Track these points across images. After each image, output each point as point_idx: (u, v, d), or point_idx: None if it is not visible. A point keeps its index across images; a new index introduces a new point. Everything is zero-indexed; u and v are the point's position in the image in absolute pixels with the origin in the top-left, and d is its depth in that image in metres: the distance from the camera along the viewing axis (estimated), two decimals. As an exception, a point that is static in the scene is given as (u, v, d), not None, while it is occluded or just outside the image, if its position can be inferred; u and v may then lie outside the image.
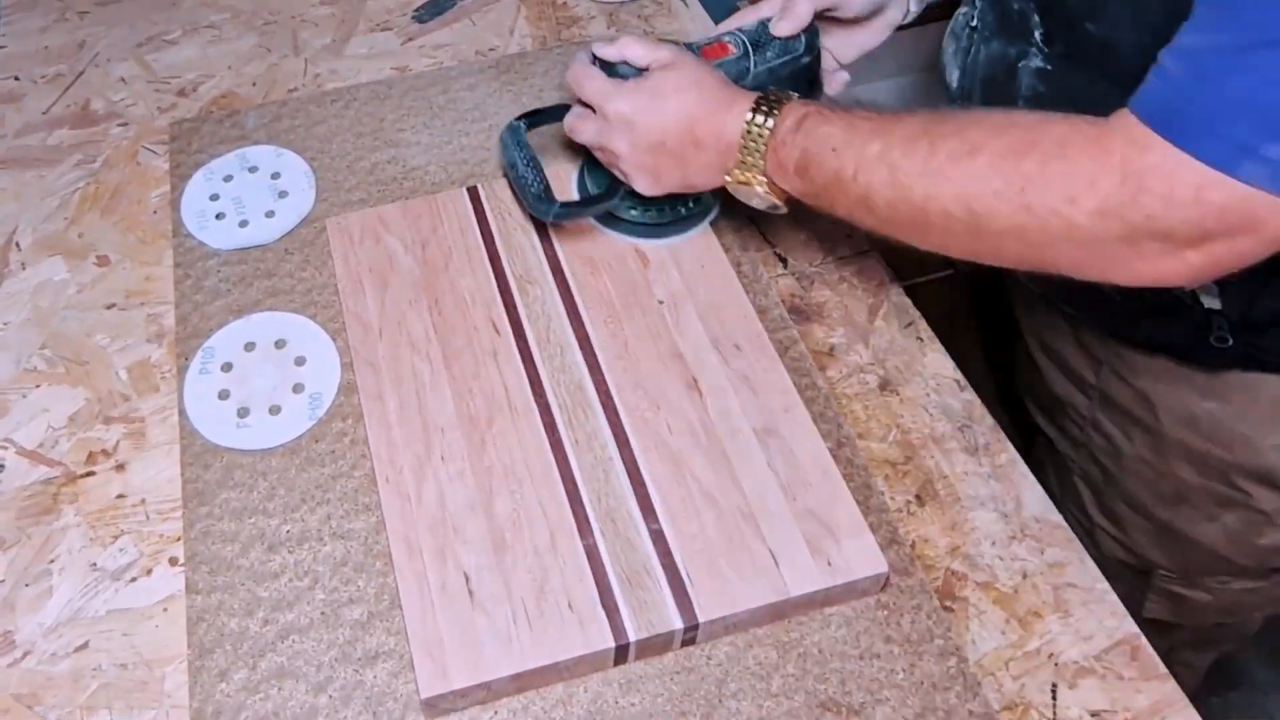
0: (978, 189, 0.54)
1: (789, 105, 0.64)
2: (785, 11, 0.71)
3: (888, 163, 0.58)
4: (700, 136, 0.65)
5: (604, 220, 0.76)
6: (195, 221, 0.79)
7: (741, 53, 0.72)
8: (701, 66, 0.68)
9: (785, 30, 0.71)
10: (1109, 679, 0.59)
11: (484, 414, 0.66)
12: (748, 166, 0.65)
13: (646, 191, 0.69)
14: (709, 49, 0.72)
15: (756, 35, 0.72)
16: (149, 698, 0.58)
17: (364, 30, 0.95)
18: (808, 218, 0.81)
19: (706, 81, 0.66)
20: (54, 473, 0.67)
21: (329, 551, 0.63)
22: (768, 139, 0.63)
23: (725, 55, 0.71)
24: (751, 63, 0.72)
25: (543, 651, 0.57)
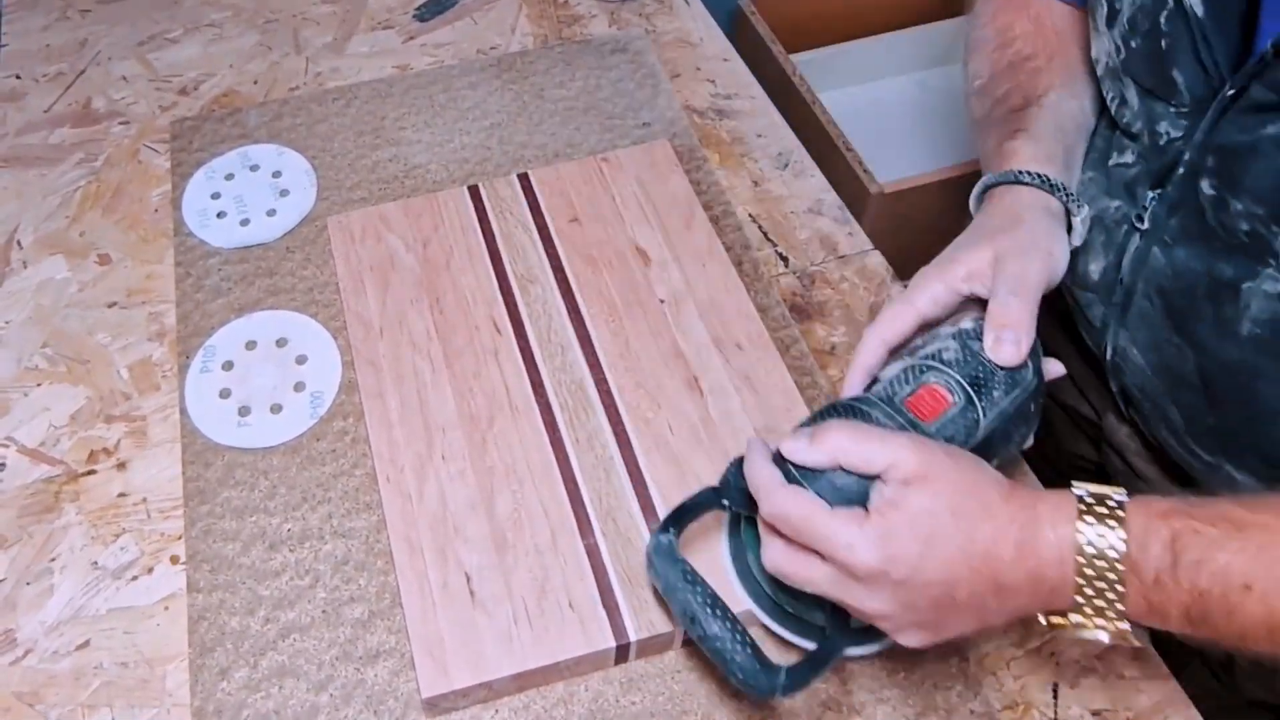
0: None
1: (1137, 517, 0.46)
2: (1003, 329, 0.54)
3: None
4: (1007, 582, 0.47)
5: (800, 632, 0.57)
6: (196, 220, 0.79)
7: (964, 401, 0.53)
8: (961, 465, 0.49)
9: (1012, 358, 0.54)
10: (1110, 678, 0.59)
11: (485, 413, 0.66)
12: (1094, 611, 0.46)
13: (917, 646, 0.51)
14: (918, 401, 0.53)
15: (971, 368, 0.53)
16: (150, 696, 0.58)
17: (365, 28, 0.95)
18: (810, 213, 0.81)
19: (985, 492, 0.48)
20: (55, 471, 0.67)
21: (330, 550, 0.63)
22: (1124, 575, 0.45)
23: (945, 409, 0.53)
24: (980, 411, 0.53)
25: (544, 651, 0.57)
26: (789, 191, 0.82)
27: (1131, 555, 0.45)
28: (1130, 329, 0.64)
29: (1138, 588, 0.45)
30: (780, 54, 1.29)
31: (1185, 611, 0.45)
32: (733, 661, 0.51)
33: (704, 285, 0.73)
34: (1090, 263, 0.66)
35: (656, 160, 0.81)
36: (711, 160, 0.84)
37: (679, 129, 0.85)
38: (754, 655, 0.51)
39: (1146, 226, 0.61)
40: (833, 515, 0.48)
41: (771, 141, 0.86)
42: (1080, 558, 0.46)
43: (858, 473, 0.49)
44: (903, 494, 0.48)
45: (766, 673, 0.50)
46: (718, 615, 0.51)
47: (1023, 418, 0.55)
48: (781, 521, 0.50)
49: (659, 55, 0.92)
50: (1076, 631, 0.48)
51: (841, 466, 0.50)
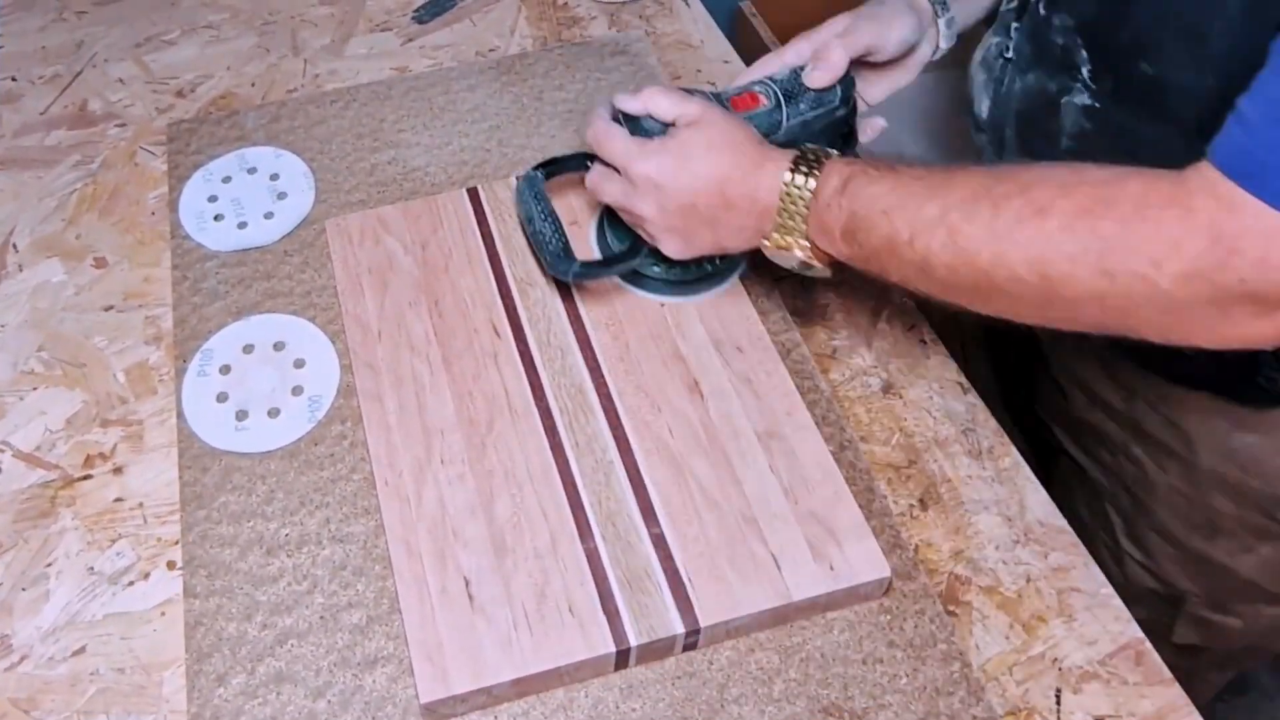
0: (1050, 253, 0.51)
1: (830, 164, 0.60)
2: (819, 60, 0.68)
3: (947, 225, 0.54)
4: (733, 198, 0.62)
5: (627, 277, 0.72)
6: (194, 223, 0.79)
7: (773, 104, 0.67)
8: (732, 121, 0.64)
9: (820, 81, 0.67)
10: (1113, 684, 0.59)
11: (484, 417, 0.66)
12: (787, 230, 0.61)
13: (675, 255, 0.66)
14: (738, 100, 0.67)
15: (789, 85, 0.68)
16: (147, 702, 0.58)
17: (364, 30, 0.95)
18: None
19: (738, 138, 0.62)
20: (51, 476, 0.67)
21: (328, 555, 0.62)
22: (809, 201, 0.59)
23: (756, 107, 0.67)
24: (784, 115, 0.67)
25: (543, 656, 0.57)
26: (789, 194, 0.82)
27: (817, 190, 0.59)
28: (1006, 160, 0.71)
29: (815, 210, 0.59)
30: (780, 56, 1.29)
31: (844, 229, 0.58)
32: (546, 248, 0.68)
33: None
34: (982, 104, 0.73)
35: (656, 162, 0.80)
36: (711, 162, 0.84)
37: (679, 131, 0.85)
38: (563, 248, 0.68)
39: (1011, 56, 0.69)
40: (630, 139, 0.65)
41: (771, 143, 0.86)
42: (784, 188, 0.60)
43: (661, 120, 0.65)
44: (681, 130, 0.63)
45: (568, 260, 0.68)
46: (547, 220, 0.69)
47: (824, 135, 0.69)
48: (595, 142, 0.66)
49: (659, 57, 0.92)
50: (781, 255, 0.62)
51: (651, 114, 0.65)
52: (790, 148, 0.62)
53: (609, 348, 0.69)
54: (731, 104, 0.67)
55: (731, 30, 1.38)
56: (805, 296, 0.76)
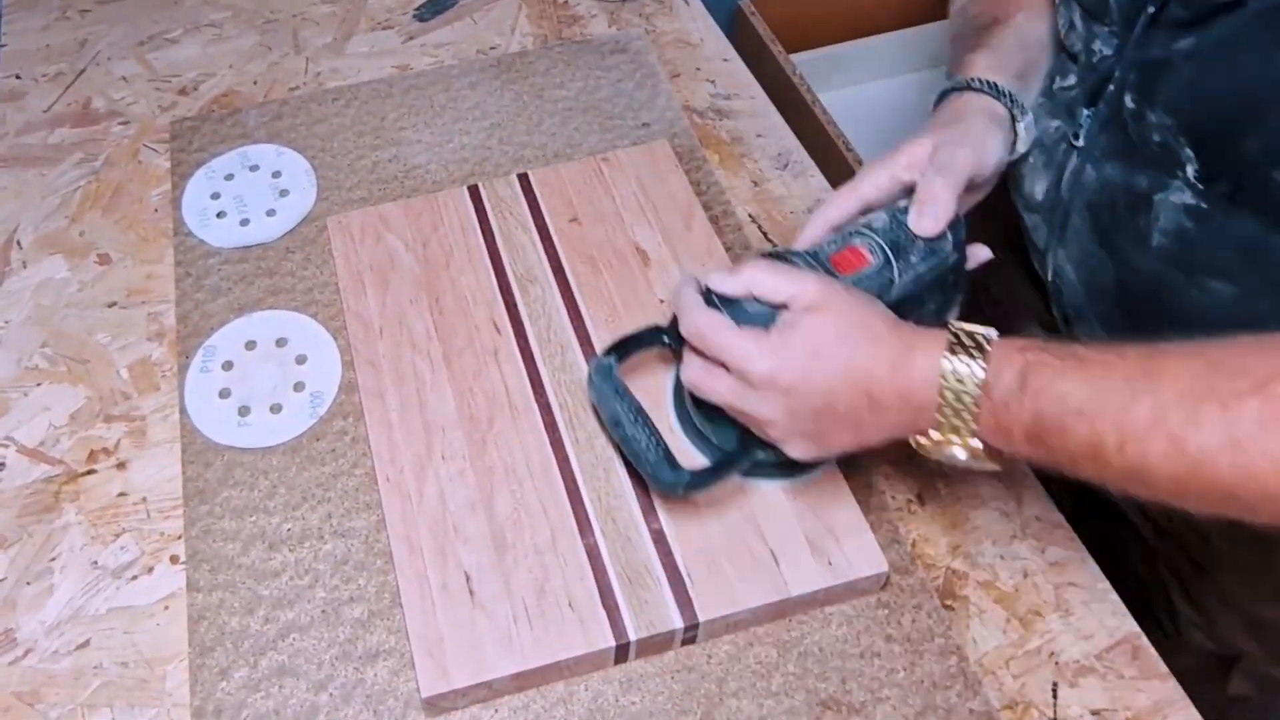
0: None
1: (998, 350, 0.51)
2: (924, 204, 0.59)
3: (1167, 433, 0.46)
4: (880, 397, 0.53)
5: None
6: (196, 220, 0.79)
7: (881, 260, 0.58)
8: (857, 299, 0.55)
9: (931, 229, 0.59)
10: (1110, 678, 0.59)
11: (485, 413, 0.66)
12: (952, 429, 0.52)
13: (803, 458, 0.57)
14: (840, 259, 0.58)
15: (894, 235, 0.59)
16: (150, 696, 0.58)
17: (365, 29, 0.95)
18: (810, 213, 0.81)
19: (873, 322, 0.54)
20: (55, 471, 0.67)
21: (330, 550, 0.63)
22: (979, 397, 0.50)
23: (863, 266, 0.58)
24: (895, 272, 0.58)
25: (543, 650, 0.57)
26: (789, 192, 0.83)
27: (987, 382, 0.50)
28: (1067, 248, 0.68)
29: (989, 408, 0.50)
30: (780, 54, 1.29)
31: (1026, 431, 0.50)
32: (646, 460, 0.58)
33: (704, 285, 0.73)
34: (1035, 184, 0.69)
35: (656, 160, 0.81)
36: (711, 160, 0.84)
37: (679, 129, 0.85)
38: (665, 457, 0.58)
39: (1081, 144, 0.65)
40: (737, 331, 0.55)
41: (771, 142, 0.86)
42: (944, 381, 0.51)
43: (768, 302, 0.56)
44: (800, 317, 0.54)
45: (674, 471, 0.58)
46: (638, 422, 0.59)
47: (939, 286, 0.60)
48: (695, 337, 0.56)
49: (659, 55, 0.92)
50: (938, 450, 0.53)
51: (754, 296, 0.56)
52: (903, 305, 0.56)
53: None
54: (833, 264, 0.58)
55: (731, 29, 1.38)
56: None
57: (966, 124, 0.64)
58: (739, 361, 0.54)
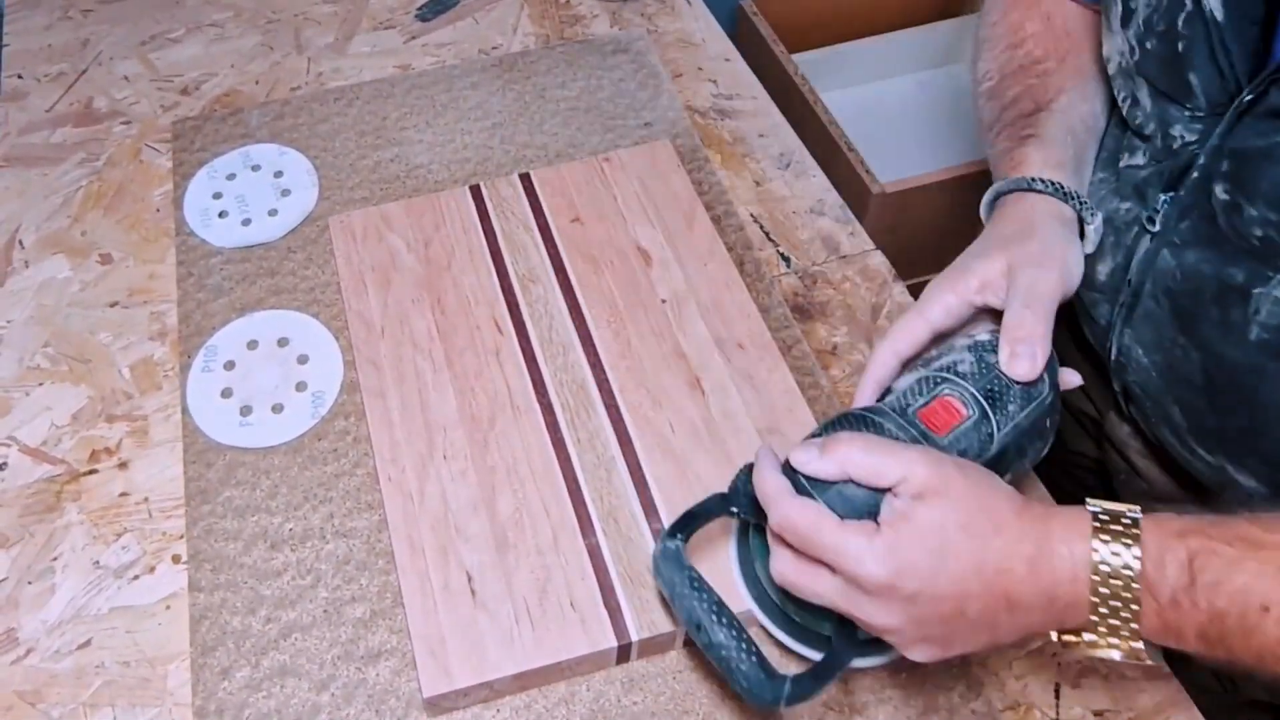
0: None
1: (1152, 535, 0.45)
2: (1018, 344, 0.53)
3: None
4: (1020, 599, 0.46)
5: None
6: (198, 219, 0.79)
7: (978, 415, 0.52)
8: (974, 481, 0.48)
9: (1028, 373, 0.53)
10: (1112, 679, 0.59)
11: (486, 413, 0.66)
12: (1108, 630, 0.46)
13: (925, 660, 0.49)
14: (930, 414, 0.52)
15: (986, 382, 0.53)
16: (151, 695, 0.58)
17: (367, 28, 0.95)
18: (811, 213, 0.81)
19: (998, 506, 0.47)
20: (57, 470, 0.67)
21: (331, 550, 0.63)
22: (1138, 592, 0.45)
23: (959, 422, 0.52)
24: (994, 425, 0.52)
25: (545, 651, 0.57)
26: (790, 191, 0.82)
27: (1147, 574, 0.44)
28: (1136, 329, 0.64)
29: (1153, 608, 0.45)
30: (782, 54, 1.29)
31: (1202, 632, 0.44)
32: (738, 671, 0.50)
33: (705, 285, 0.73)
34: (1098, 263, 0.65)
35: (658, 160, 0.81)
36: (713, 160, 0.84)
37: (681, 129, 0.85)
38: (759, 665, 0.50)
39: (1157, 229, 0.60)
40: (842, 527, 0.47)
41: (773, 141, 0.86)
42: (1095, 576, 0.45)
43: (868, 485, 0.48)
44: (914, 507, 0.47)
45: (771, 683, 0.50)
46: (723, 623, 0.51)
47: (1038, 432, 0.54)
48: (790, 532, 0.49)
49: (661, 55, 0.92)
50: (1090, 650, 0.47)
51: (852, 479, 0.49)
52: (1001, 460, 0.52)
53: (611, 344, 0.70)
54: (924, 421, 0.52)
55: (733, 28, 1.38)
56: (806, 294, 0.76)
57: (1041, 238, 0.57)
58: (848, 564, 0.47)
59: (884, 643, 0.50)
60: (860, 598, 0.48)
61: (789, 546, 0.50)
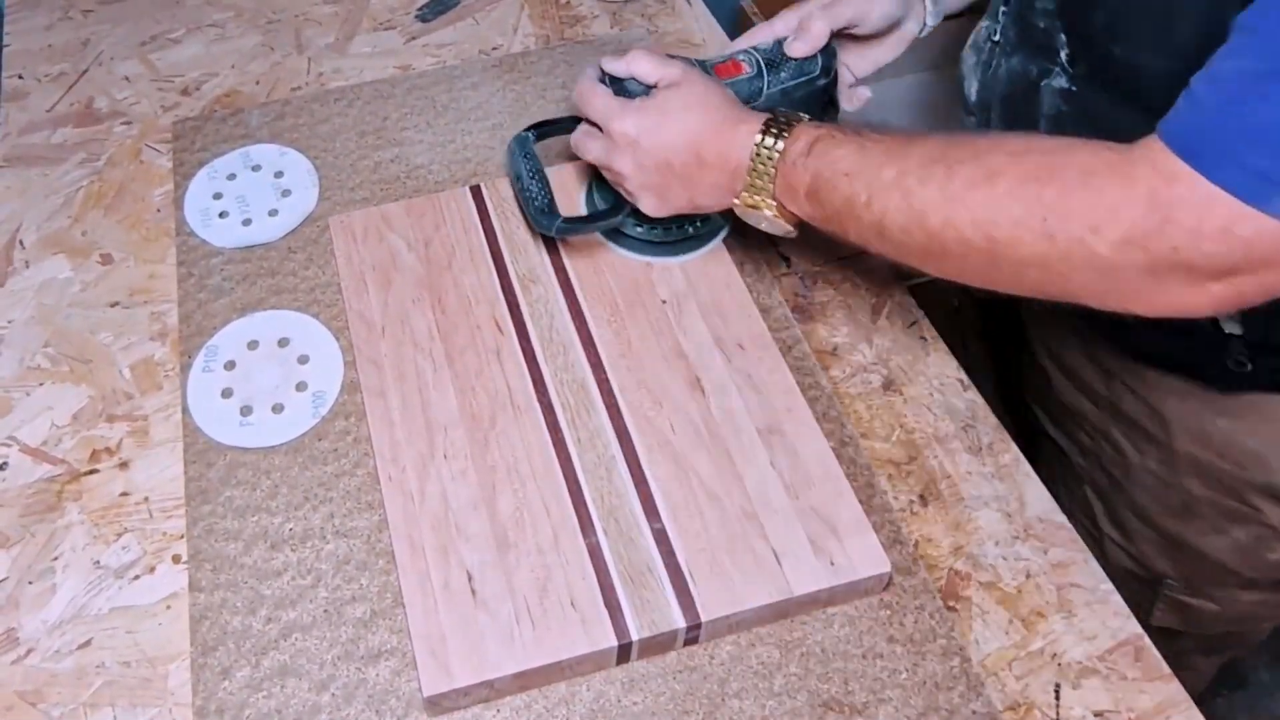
0: (997, 216, 0.52)
1: (800, 127, 0.62)
2: (800, 31, 0.70)
3: (902, 189, 0.56)
4: (707, 158, 0.64)
5: (611, 236, 0.74)
6: (199, 220, 0.79)
7: (755, 72, 0.70)
8: (711, 85, 0.66)
9: (801, 51, 0.70)
10: (1113, 679, 0.59)
11: (487, 412, 0.66)
12: (756, 190, 0.63)
13: (652, 212, 0.68)
14: (721, 67, 0.70)
15: (771, 54, 0.70)
16: (152, 695, 0.58)
17: (367, 29, 0.96)
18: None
19: (715, 100, 0.65)
20: (57, 470, 0.67)
21: (332, 550, 0.63)
22: (777, 162, 0.61)
23: (738, 74, 0.70)
24: (765, 83, 0.70)
25: (545, 650, 0.57)
26: (791, 192, 0.82)
27: (785, 152, 0.61)
28: None
29: (783, 170, 0.61)
30: (782, 54, 1.29)
31: (807, 190, 0.60)
32: (532, 204, 0.71)
33: (706, 285, 0.73)
34: (970, 85, 0.75)
35: (658, 160, 0.81)
36: (713, 160, 0.84)
37: (681, 129, 0.85)
38: (547, 204, 0.71)
39: (999, 40, 0.70)
40: (611, 98, 0.67)
41: (773, 142, 0.86)
42: (755, 148, 0.62)
43: (644, 83, 0.67)
44: (661, 92, 0.66)
45: (551, 215, 0.70)
46: (535, 179, 0.71)
47: (805, 104, 0.70)
48: (582, 104, 0.69)
49: (661, 55, 0.92)
50: (753, 213, 0.64)
51: (634, 76, 0.68)
52: None
53: (611, 344, 0.70)
54: (715, 71, 0.70)
55: (733, 28, 1.38)
56: (806, 294, 0.76)
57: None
58: (606, 119, 0.66)
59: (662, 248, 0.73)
60: (612, 149, 0.67)
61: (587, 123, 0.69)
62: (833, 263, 0.78)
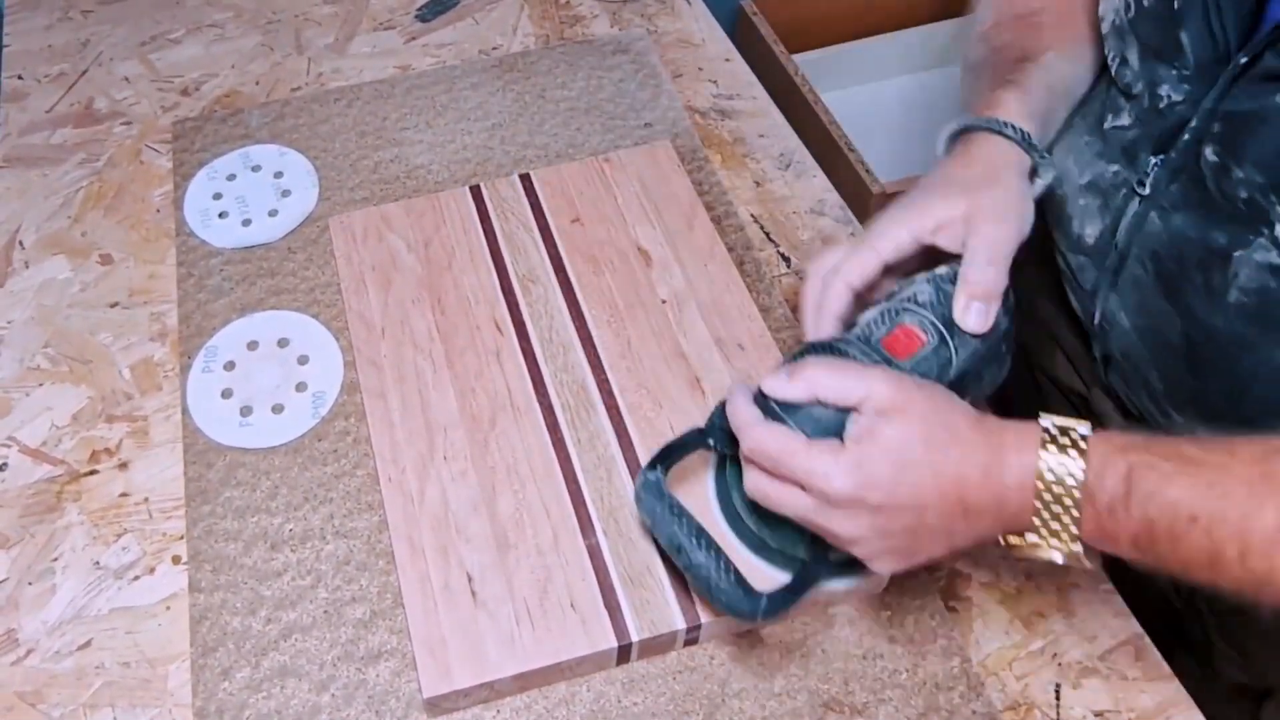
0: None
1: (1097, 449, 0.48)
2: (976, 299, 0.55)
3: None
4: (974, 505, 0.49)
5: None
6: (198, 220, 0.79)
7: (937, 341, 0.55)
8: (933, 397, 0.51)
9: (979, 325, 0.55)
10: (1113, 679, 0.59)
11: (487, 413, 0.66)
12: (1052, 534, 0.49)
13: (891, 571, 0.53)
14: (893, 341, 0.54)
15: (945, 310, 0.55)
16: (152, 696, 0.58)
17: (367, 29, 0.95)
18: (812, 214, 0.81)
19: (955, 421, 0.50)
20: (57, 471, 0.67)
21: (332, 550, 0.63)
22: (1080, 501, 0.48)
23: (918, 349, 0.54)
24: (953, 351, 0.55)
25: (545, 651, 0.57)
26: (791, 192, 0.82)
27: (1089, 484, 0.47)
28: (1121, 293, 0.65)
29: (1091, 514, 0.48)
30: (782, 54, 1.29)
31: (1134, 539, 0.48)
32: (717, 588, 0.53)
33: (706, 286, 0.73)
34: (1086, 226, 0.66)
35: (658, 161, 0.81)
36: (713, 161, 0.84)
37: (681, 129, 0.85)
38: (737, 582, 0.53)
39: (1147, 192, 0.61)
40: (809, 446, 0.50)
41: (773, 142, 0.86)
42: (1040, 483, 0.48)
43: (835, 406, 0.51)
44: (877, 423, 0.50)
45: (749, 598, 0.53)
46: (702, 545, 0.54)
47: (994, 358, 0.57)
48: (762, 456, 0.52)
49: (661, 56, 0.92)
50: (1032, 551, 0.50)
51: (819, 400, 0.51)
52: (961, 383, 0.54)
53: (611, 345, 0.70)
54: (886, 348, 0.55)
55: (733, 29, 1.38)
56: (807, 294, 0.76)
57: (1004, 186, 0.58)
58: (817, 481, 0.50)
59: (854, 566, 0.54)
60: (829, 511, 0.50)
61: (764, 470, 0.52)
62: (833, 263, 0.78)
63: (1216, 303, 0.58)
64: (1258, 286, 0.56)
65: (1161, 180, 0.60)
